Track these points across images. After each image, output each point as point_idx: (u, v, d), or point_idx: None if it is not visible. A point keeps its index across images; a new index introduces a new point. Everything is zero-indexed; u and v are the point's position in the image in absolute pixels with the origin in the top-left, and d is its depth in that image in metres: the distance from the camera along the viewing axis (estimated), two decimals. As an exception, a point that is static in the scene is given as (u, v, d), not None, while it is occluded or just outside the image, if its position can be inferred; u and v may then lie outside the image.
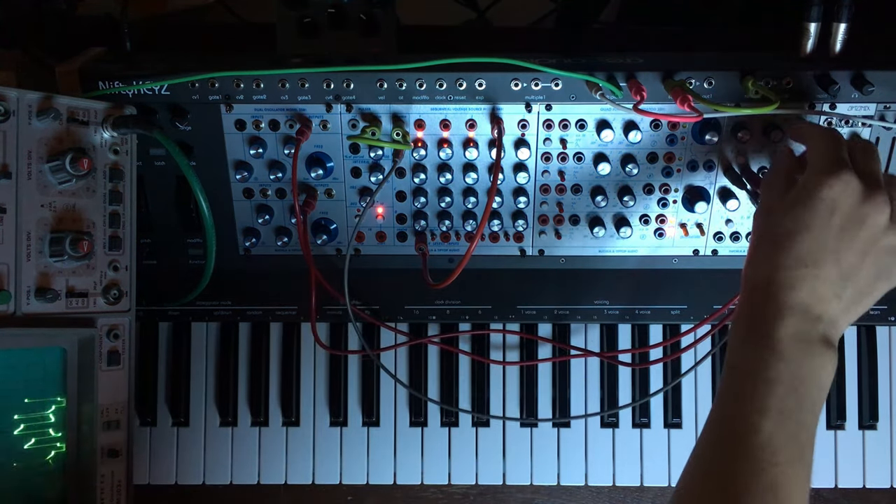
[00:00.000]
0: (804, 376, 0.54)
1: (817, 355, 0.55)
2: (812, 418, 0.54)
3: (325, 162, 0.74)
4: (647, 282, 0.80)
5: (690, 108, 0.66)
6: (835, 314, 0.57)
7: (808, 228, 0.57)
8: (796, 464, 0.53)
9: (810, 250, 0.56)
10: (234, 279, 0.79)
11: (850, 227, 0.57)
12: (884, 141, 0.73)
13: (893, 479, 0.82)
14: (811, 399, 0.54)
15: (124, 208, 0.70)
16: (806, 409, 0.54)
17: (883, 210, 0.57)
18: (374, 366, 0.82)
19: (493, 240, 0.78)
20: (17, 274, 0.63)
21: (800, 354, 0.55)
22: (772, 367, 0.54)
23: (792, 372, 0.54)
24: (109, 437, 0.69)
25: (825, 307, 0.56)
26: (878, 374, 0.83)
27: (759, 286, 0.58)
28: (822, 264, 0.56)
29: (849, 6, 0.69)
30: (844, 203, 0.57)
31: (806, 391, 0.54)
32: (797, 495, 0.52)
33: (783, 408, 0.53)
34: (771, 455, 0.52)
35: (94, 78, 0.70)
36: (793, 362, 0.54)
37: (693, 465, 0.56)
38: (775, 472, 0.52)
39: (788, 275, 0.56)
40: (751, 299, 0.59)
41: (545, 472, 0.82)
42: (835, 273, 0.56)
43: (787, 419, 0.53)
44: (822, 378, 0.55)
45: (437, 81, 0.70)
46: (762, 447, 0.52)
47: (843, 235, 0.57)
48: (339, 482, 0.82)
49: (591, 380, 0.83)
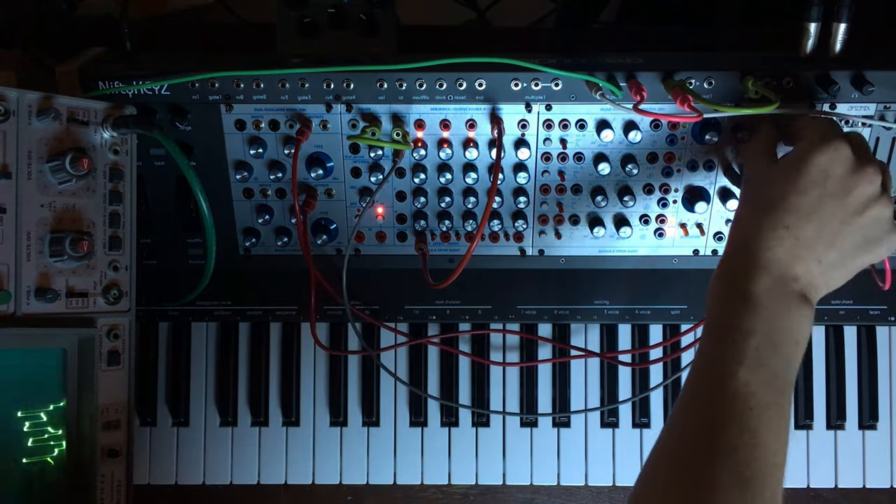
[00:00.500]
0: (779, 328, 0.56)
1: (793, 309, 0.57)
2: (788, 370, 0.56)
3: (325, 162, 0.74)
4: (647, 282, 0.80)
5: (690, 108, 0.66)
6: (813, 276, 0.58)
7: (797, 193, 0.58)
8: (772, 408, 0.54)
9: (795, 213, 0.58)
10: (234, 279, 0.79)
11: (838, 193, 0.58)
12: (884, 141, 0.73)
13: (893, 479, 0.82)
14: (787, 350, 0.56)
15: (124, 208, 0.70)
16: (782, 359, 0.55)
17: (873, 180, 0.59)
18: (374, 366, 0.82)
19: (493, 240, 0.78)
20: (17, 274, 0.63)
21: (775, 307, 0.56)
22: (747, 318, 0.56)
23: (768, 323, 0.56)
24: (109, 437, 0.69)
25: (803, 268, 0.58)
26: (878, 374, 0.83)
27: (739, 246, 0.60)
28: (803, 227, 0.58)
29: (849, 6, 0.69)
30: (836, 170, 0.58)
31: (782, 342, 0.56)
32: (773, 439, 0.53)
33: (759, 356, 0.55)
34: (747, 401, 0.53)
35: (94, 78, 0.70)
36: (768, 314, 0.56)
37: (675, 413, 0.57)
38: (752, 416, 0.53)
39: (768, 235, 0.58)
40: (731, 258, 0.61)
41: (545, 472, 0.82)
42: (816, 237, 0.58)
43: (763, 367, 0.54)
44: (798, 332, 0.57)
45: (437, 81, 0.70)
46: (739, 393, 0.53)
47: (830, 201, 0.58)
48: (339, 482, 0.82)
49: (591, 380, 0.83)
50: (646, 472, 0.56)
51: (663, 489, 0.53)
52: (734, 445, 0.52)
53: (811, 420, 0.82)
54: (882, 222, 0.60)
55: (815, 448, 0.83)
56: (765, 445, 0.52)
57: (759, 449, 0.52)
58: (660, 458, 0.56)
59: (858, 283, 0.63)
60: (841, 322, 0.82)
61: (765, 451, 0.52)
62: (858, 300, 0.80)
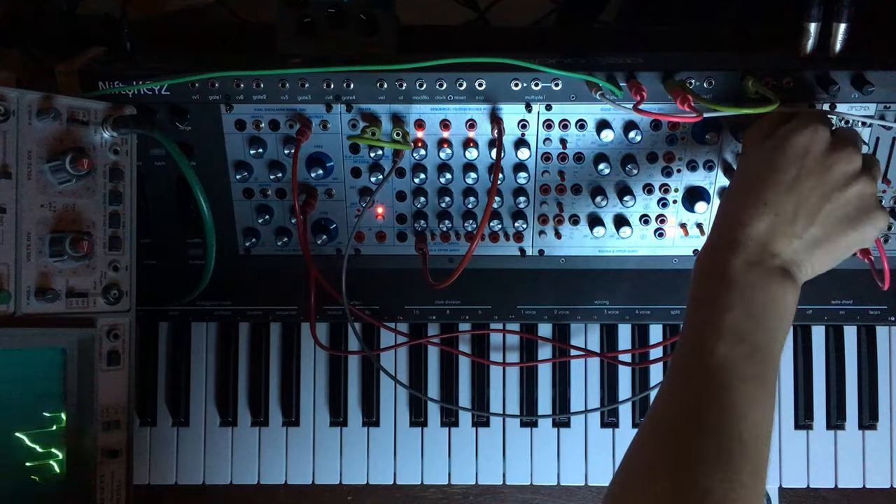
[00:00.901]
0: (760, 302, 0.56)
1: (774, 283, 0.57)
2: (772, 343, 0.56)
3: (325, 162, 0.74)
4: (647, 282, 0.80)
5: (690, 108, 0.66)
6: (794, 253, 0.58)
7: (776, 171, 0.59)
8: (752, 381, 0.54)
9: (773, 190, 0.59)
10: (234, 279, 0.79)
11: (816, 170, 0.59)
12: (884, 141, 0.73)
13: (893, 479, 0.82)
14: (769, 324, 0.56)
15: (124, 208, 0.70)
16: (764, 332, 0.55)
17: (852, 160, 0.60)
18: (374, 366, 0.82)
19: (493, 240, 0.78)
20: (17, 274, 0.63)
21: (754, 282, 0.56)
22: (725, 293, 0.56)
23: (746, 298, 0.56)
24: (109, 437, 0.69)
25: (783, 245, 0.58)
26: (878, 374, 0.83)
27: (720, 223, 0.61)
28: (782, 203, 0.58)
29: (849, 6, 0.69)
30: (814, 149, 0.59)
31: (762, 316, 0.56)
32: (754, 412, 0.53)
33: (737, 330, 0.55)
34: (727, 376, 0.53)
35: (94, 78, 0.70)
36: (747, 289, 0.56)
37: (658, 394, 0.57)
38: (733, 391, 0.53)
39: (748, 212, 0.59)
40: (713, 234, 0.61)
41: (545, 472, 0.82)
42: (794, 213, 0.58)
43: (742, 341, 0.54)
44: (781, 306, 0.57)
45: (437, 81, 0.70)
46: (719, 368, 0.54)
47: (808, 179, 0.59)
48: (339, 482, 0.82)
49: (592, 380, 0.83)
50: (630, 455, 0.56)
51: (647, 469, 0.53)
52: (714, 421, 0.52)
53: (811, 420, 0.82)
54: (864, 198, 0.60)
55: (815, 448, 0.83)
56: (745, 418, 0.52)
57: (740, 422, 0.52)
58: (643, 439, 0.56)
59: (858, 283, 0.63)
60: (841, 322, 0.82)
61: (746, 423, 0.52)
62: (858, 300, 0.80)
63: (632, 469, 0.55)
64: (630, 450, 0.56)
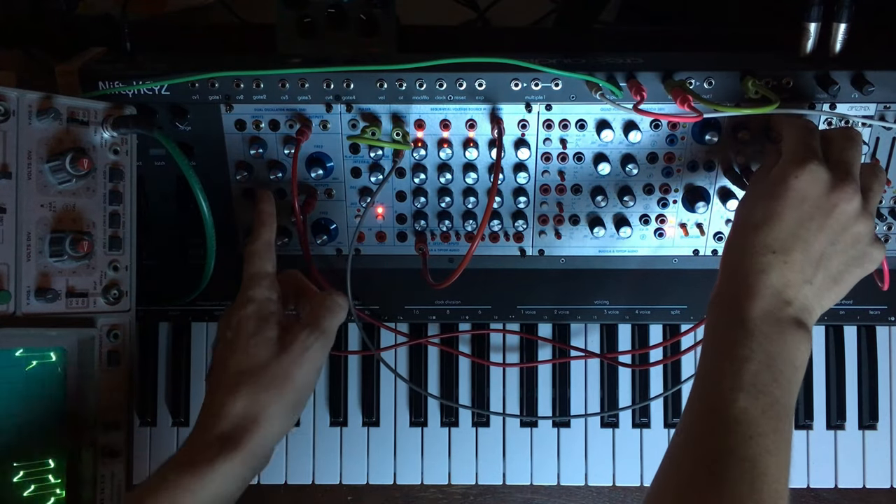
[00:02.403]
0: (777, 353, 0.56)
1: (789, 335, 0.56)
2: (787, 395, 0.55)
3: (325, 162, 0.74)
4: (647, 282, 0.80)
5: (690, 108, 0.66)
6: (805, 299, 0.58)
7: (778, 217, 0.59)
8: (772, 436, 0.53)
9: (778, 238, 0.58)
10: (234, 279, 0.79)
11: (818, 215, 0.59)
12: (884, 141, 0.73)
13: (893, 479, 0.82)
14: (785, 376, 0.56)
15: (124, 208, 0.70)
16: (781, 384, 0.55)
17: (851, 199, 0.59)
18: (374, 366, 0.82)
19: (493, 240, 0.78)
20: (17, 274, 0.63)
21: (771, 333, 0.56)
22: (744, 345, 0.56)
23: (764, 349, 0.55)
24: (109, 437, 0.69)
25: (795, 292, 0.58)
26: (878, 374, 0.83)
27: (731, 271, 0.60)
28: (790, 251, 0.58)
29: (849, 6, 0.69)
30: (812, 193, 0.59)
31: (779, 368, 0.55)
32: (774, 467, 0.52)
33: (756, 382, 0.54)
34: (747, 428, 0.53)
35: (94, 78, 0.70)
36: (765, 340, 0.56)
37: (675, 443, 0.57)
38: (752, 444, 0.52)
39: (758, 260, 0.58)
40: (725, 283, 0.61)
41: (545, 472, 0.82)
42: (803, 260, 0.58)
43: (761, 393, 0.54)
44: (796, 357, 0.56)
45: (437, 81, 0.70)
46: (738, 421, 0.53)
47: (811, 224, 0.59)
48: (339, 482, 0.82)
49: (592, 380, 0.83)
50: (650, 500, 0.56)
51: None
52: (734, 476, 0.51)
53: (811, 420, 0.83)
54: (863, 238, 0.60)
55: (815, 448, 0.83)
56: (765, 474, 0.52)
57: (759, 478, 0.51)
58: (661, 493, 0.55)
59: (858, 283, 0.63)
60: (841, 322, 0.82)
61: (766, 479, 0.52)
62: (858, 300, 0.80)
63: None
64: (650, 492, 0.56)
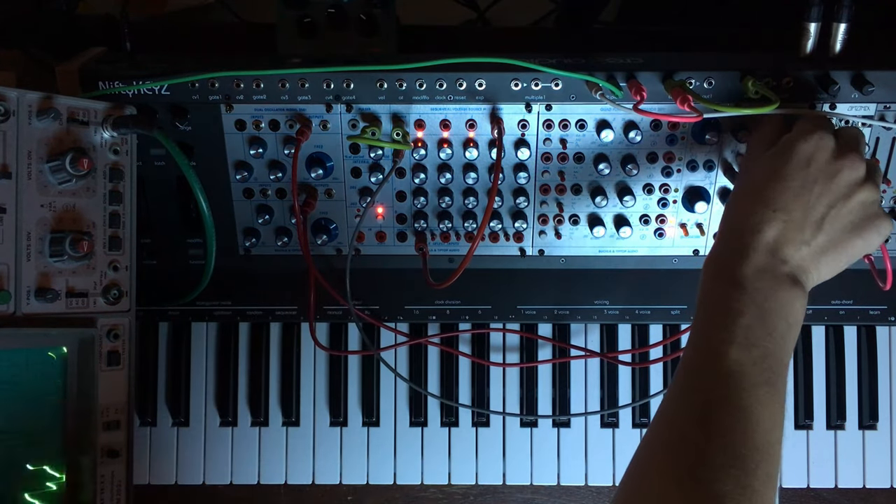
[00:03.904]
0: (770, 308, 0.56)
1: (783, 290, 0.57)
2: (781, 349, 0.56)
3: (325, 162, 0.74)
4: (647, 282, 0.80)
5: (690, 108, 0.66)
6: (802, 259, 0.59)
7: (782, 177, 0.60)
8: (764, 387, 0.54)
9: (782, 197, 0.59)
10: (234, 279, 0.79)
11: (822, 178, 0.60)
12: (884, 141, 0.73)
13: (893, 479, 0.82)
14: (779, 331, 0.56)
15: (124, 208, 0.70)
16: (774, 338, 0.55)
17: (857, 167, 0.60)
18: (374, 366, 0.82)
19: (493, 240, 0.78)
20: (17, 274, 0.63)
21: (764, 288, 0.57)
22: (736, 299, 0.56)
23: (757, 303, 0.56)
24: (109, 437, 0.69)
25: (792, 251, 0.58)
26: (878, 374, 0.83)
27: (729, 229, 0.61)
28: (790, 210, 0.59)
29: (849, 6, 0.69)
30: (819, 157, 0.60)
31: (773, 322, 0.56)
32: (767, 417, 0.53)
33: (749, 335, 0.55)
34: (739, 380, 0.53)
35: (94, 78, 0.70)
36: (758, 294, 0.56)
37: (667, 398, 0.57)
38: (745, 395, 0.53)
39: (757, 218, 0.59)
40: (721, 240, 0.62)
41: (545, 472, 0.82)
42: (803, 220, 0.59)
43: (753, 346, 0.54)
44: (790, 312, 0.57)
45: (437, 81, 0.70)
46: (731, 373, 0.53)
47: (814, 186, 0.59)
48: (339, 482, 0.82)
49: (592, 380, 0.83)
50: (638, 459, 0.56)
51: (657, 474, 0.53)
52: (727, 425, 0.52)
53: (811, 420, 0.83)
54: (868, 206, 0.61)
55: (815, 448, 0.83)
56: (758, 423, 0.52)
57: (752, 427, 0.52)
58: (651, 442, 0.56)
59: (858, 283, 0.63)
60: (841, 322, 0.82)
61: (758, 428, 0.52)
62: (858, 300, 0.80)
63: (640, 473, 0.55)
64: (637, 453, 0.56)
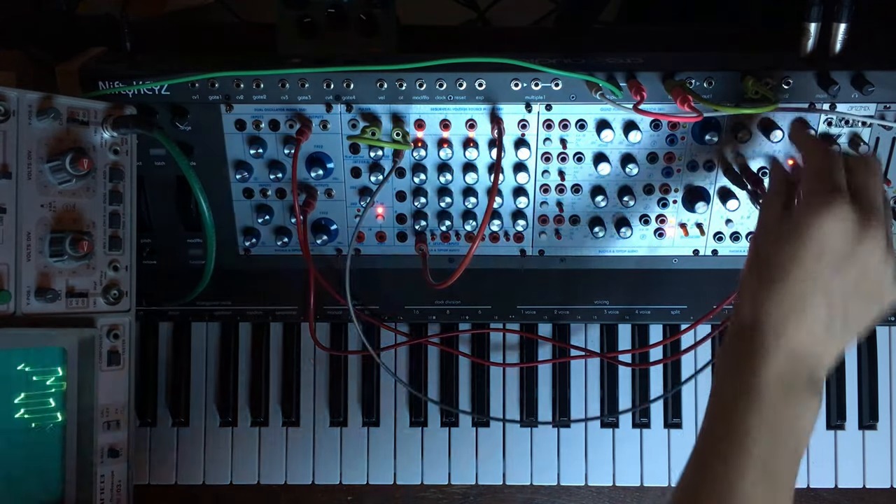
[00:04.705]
0: (781, 425, 0.54)
1: (796, 404, 0.54)
2: (788, 465, 0.54)
3: (325, 162, 0.74)
4: (647, 282, 0.80)
5: (690, 108, 0.66)
6: (822, 351, 0.56)
7: (798, 265, 0.55)
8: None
9: (799, 291, 0.55)
10: (234, 279, 0.79)
11: (842, 265, 0.55)
12: (884, 141, 0.73)
13: (893, 479, 0.82)
14: (788, 447, 0.54)
15: (124, 208, 0.70)
16: (782, 456, 0.54)
17: (878, 246, 0.55)
18: (374, 366, 0.82)
19: (493, 240, 0.78)
20: (17, 274, 0.63)
21: (779, 402, 0.54)
22: (750, 415, 0.54)
23: (769, 422, 0.54)
24: (109, 437, 0.69)
25: (812, 347, 0.55)
26: (878, 374, 0.83)
27: (746, 324, 0.57)
28: (810, 306, 0.55)
29: (849, 6, 0.69)
30: (837, 241, 0.55)
31: (783, 440, 0.54)
32: None
33: (761, 461, 0.53)
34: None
35: (94, 78, 0.70)
36: (771, 411, 0.54)
37: (680, 488, 0.56)
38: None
39: (775, 320, 0.55)
40: (738, 334, 0.58)
41: (545, 472, 0.82)
42: (824, 313, 0.55)
43: (766, 473, 0.53)
44: (801, 427, 0.55)
45: (437, 81, 0.70)
46: (737, 495, 0.52)
47: (834, 275, 0.55)
48: (339, 482, 0.82)
49: (591, 380, 0.83)
50: None
51: None
52: None
53: (811, 420, 0.82)
54: (884, 285, 0.57)
55: (815, 448, 0.83)
56: None
57: None
58: None
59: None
60: (841, 322, 0.82)
61: None
62: (858, 300, 0.80)
63: None
64: None
